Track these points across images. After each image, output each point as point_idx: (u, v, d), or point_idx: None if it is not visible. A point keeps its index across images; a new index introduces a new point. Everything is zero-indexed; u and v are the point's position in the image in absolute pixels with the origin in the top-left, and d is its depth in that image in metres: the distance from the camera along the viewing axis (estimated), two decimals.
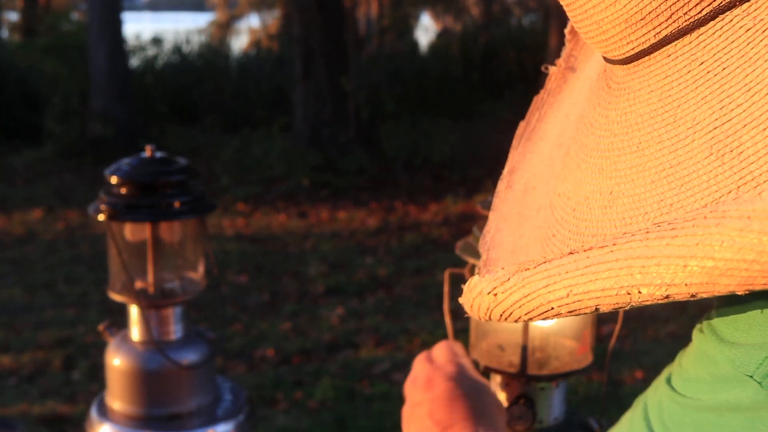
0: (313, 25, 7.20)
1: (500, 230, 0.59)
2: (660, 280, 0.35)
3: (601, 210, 0.44)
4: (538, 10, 14.76)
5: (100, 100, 7.80)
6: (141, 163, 1.50)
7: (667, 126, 0.41)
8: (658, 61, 0.42)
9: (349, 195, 6.54)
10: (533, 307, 0.41)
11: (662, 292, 0.35)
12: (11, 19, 15.65)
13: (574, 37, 0.64)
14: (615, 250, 0.37)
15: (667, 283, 0.35)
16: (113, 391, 1.55)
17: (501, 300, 0.42)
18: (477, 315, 0.45)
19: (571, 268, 0.38)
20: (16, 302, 4.34)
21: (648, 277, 0.35)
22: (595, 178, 0.45)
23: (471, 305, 0.45)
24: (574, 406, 1.32)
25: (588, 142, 0.47)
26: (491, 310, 0.44)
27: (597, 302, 0.38)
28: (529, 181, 0.60)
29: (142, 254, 1.54)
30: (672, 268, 0.34)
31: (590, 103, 0.50)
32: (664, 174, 0.40)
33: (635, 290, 0.36)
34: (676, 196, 0.39)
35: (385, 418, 3.05)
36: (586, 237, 0.45)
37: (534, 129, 0.64)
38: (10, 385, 3.37)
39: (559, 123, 0.61)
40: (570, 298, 0.39)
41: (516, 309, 0.42)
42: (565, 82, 0.64)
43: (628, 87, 0.44)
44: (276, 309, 4.25)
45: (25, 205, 6.29)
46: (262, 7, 19.43)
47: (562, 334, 1.23)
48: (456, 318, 1.27)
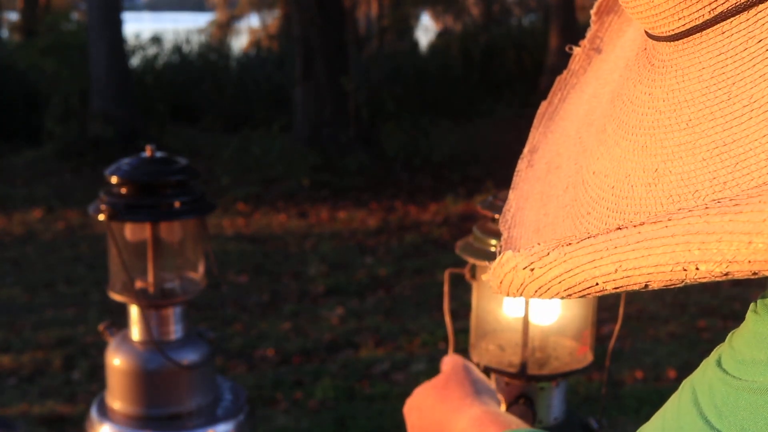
0: (313, 25, 7.20)
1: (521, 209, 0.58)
2: (721, 257, 0.34)
3: (645, 188, 0.43)
4: (538, 10, 14.76)
5: (100, 100, 7.80)
6: (141, 163, 1.51)
7: (721, 103, 0.40)
8: (711, 38, 0.42)
9: (349, 195, 6.54)
10: (575, 282, 0.40)
11: (722, 269, 0.35)
12: (11, 19, 15.65)
13: (600, 18, 0.64)
14: (671, 225, 0.36)
15: (729, 259, 0.34)
16: (113, 391, 1.55)
17: (538, 275, 0.42)
18: (507, 291, 0.44)
19: (620, 243, 0.38)
20: (16, 302, 4.34)
21: (708, 254, 0.35)
22: (638, 155, 0.44)
23: (501, 281, 0.44)
24: (574, 406, 1.32)
25: (628, 119, 0.46)
26: (525, 286, 0.43)
27: (648, 278, 0.37)
28: (552, 160, 0.60)
29: (142, 254, 1.54)
30: (735, 244, 0.34)
31: (629, 81, 0.49)
32: (717, 152, 0.39)
33: (692, 267, 0.35)
34: (730, 174, 0.38)
35: (385, 417, 3.05)
36: (628, 215, 0.44)
37: (556, 109, 0.64)
38: (10, 385, 3.37)
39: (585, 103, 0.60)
40: (618, 274, 0.38)
41: (555, 285, 0.41)
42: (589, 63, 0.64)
43: (675, 64, 0.44)
44: (276, 309, 4.25)
45: (25, 205, 6.29)
46: (262, 7, 19.43)
47: (562, 334, 1.23)
48: (456, 318, 1.27)
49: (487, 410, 0.81)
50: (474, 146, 7.84)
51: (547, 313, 1.20)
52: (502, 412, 0.82)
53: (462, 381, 0.88)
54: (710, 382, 0.44)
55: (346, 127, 7.40)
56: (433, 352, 3.66)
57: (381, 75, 9.07)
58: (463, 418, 0.81)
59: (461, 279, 1.23)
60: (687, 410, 0.44)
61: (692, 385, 0.46)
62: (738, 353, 0.44)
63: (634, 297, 4.29)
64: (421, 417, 0.88)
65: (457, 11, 15.72)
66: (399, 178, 7.01)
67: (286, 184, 6.75)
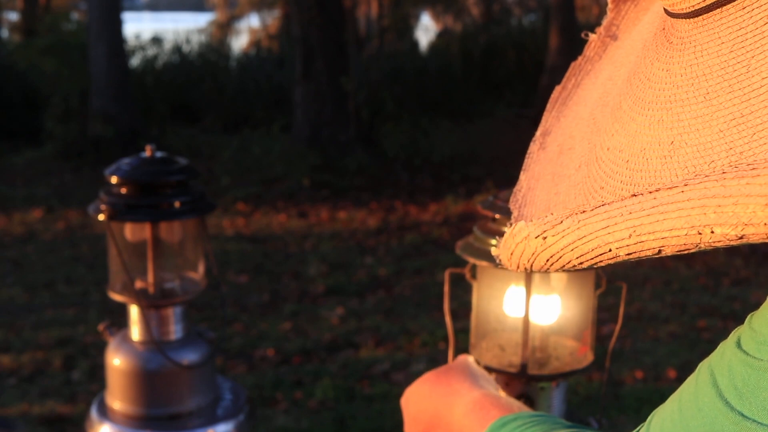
0: (313, 25, 7.20)
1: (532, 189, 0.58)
2: (736, 220, 0.34)
3: (660, 160, 0.43)
4: (538, 10, 14.76)
5: (100, 100, 7.80)
6: (141, 163, 1.50)
7: (739, 76, 0.40)
8: (731, 14, 0.42)
9: (349, 195, 6.54)
10: (588, 249, 0.40)
11: (738, 232, 0.35)
12: (11, 19, 15.65)
13: (617, 6, 0.64)
14: (686, 190, 0.36)
15: (745, 222, 0.34)
16: (113, 391, 1.55)
17: (550, 244, 0.41)
18: (517, 263, 0.44)
19: (635, 209, 0.38)
20: (16, 302, 4.34)
21: (723, 217, 0.35)
22: (654, 129, 0.44)
23: (512, 252, 0.44)
24: (575, 406, 1.32)
25: (645, 95, 0.46)
26: (537, 256, 0.42)
27: (662, 243, 0.37)
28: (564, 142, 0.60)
29: (142, 254, 1.54)
30: (751, 207, 0.34)
31: (646, 59, 0.49)
32: (734, 123, 0.39)
33: (707, 230, 0.35)
34: (747, 144, 0.38)
35: (385, 417, 3.05)
36: (642, 187, 0.44)
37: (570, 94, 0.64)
38: (11, 385, 3.37)
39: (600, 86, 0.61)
40: (632, 239, 0.38)
41: (567, 253, 0.41)
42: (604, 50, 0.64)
43: (694, 40, 0.44)
44: (276, 309, 4.25)
45: (25, 205, 6.29)
46: (262, 7, 19.43)
47: (563, 334, 1.23)
48: (456, 318, 1.27)
49: (487, 393, 0.78)
50: (474, 146, 7.84)
51: (548, 313, 1.20)
52: (503, 396, 0.79)
53: (462, 369, 0.83)
54: (730, 364, 0.43)
55: (346, 127, 7.40)
56: (433, 352, 3.66)
57: (381, 75, 9.07)
58: (462, 402, 0.77)
59: (461, 279, 1.23)
60: (705, 392, 0.44)
61: (710, 367, 0.45)
62: (759, 334, 0.43)
63: (635, 297, 4.29)
64: (418, 404, 0.82)
65: (457, 11, 15.72)
66: (399, 178, 7.01)
67: (286, 184, 6.75)
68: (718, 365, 0.45)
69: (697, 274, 4.71)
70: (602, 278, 1.21)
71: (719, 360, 0.45)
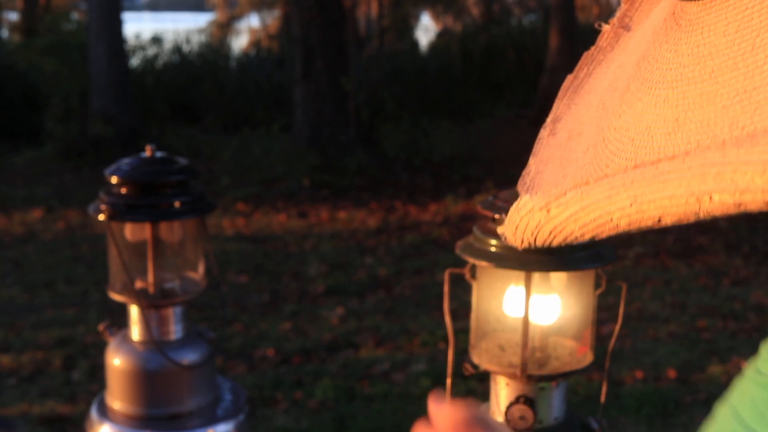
0: (313, 25, 7.20)
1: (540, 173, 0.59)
2: (734, 186, 0.35)
3: (665, 137, 0.43)
4: (538, 10, 14.76)
5: (100, 100, 7.80)
6: (141, 163, 1.51)
7: (744, 54, 0.41)
8: None
9: (349, 195, 6.54)
10: (590, 219, 0.40)
11: (735, 199, 0.35)
12: (11, 19, 15.66)
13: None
14: (687, 160, 0.36)
15: (742, 188, 0.34)
16: (113, 391, 1.55)
17: (554, 215, 0.42)
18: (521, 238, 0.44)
19: (636, 178, 0.38)
20: (16, 302, 4.34)
21: (722, 184, 0.35)
22: (659, 108, 0.45)
23: (516, 226, 0.44)
24: (574, 406, 1.32)
25: (652, 76, 0.47)
26: (540, 228, 0.43)
27: (662, 211, 0.38)
28: (574, 128, 0.60)
29: (142, 254, 1.54)
30: (749, 174, 0.34)
31: (655, 43, 0.50)
32: (737, 99, 0.40)
33: (706, 197, 0.36)
34: (749, 119, 0.39)
35: (385, 417, 3.05)
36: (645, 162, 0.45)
37: (582, 83, 0.64)
38: (11, 384, 3.37)
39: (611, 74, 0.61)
40: (633, 208, 0.38)
41: (570, 224, 0.41)
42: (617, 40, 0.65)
43: (702, 21, 0.45)
44: (276, 309, 4.25)
45: (25, 205, 6.29)
46: (262, 7, 19.44)
47: (562, 335, 1.23)
48: (456, 318, 1.27)
49: None
50: (474, 146, 7.84)
51: (547, 313, 1.20)
52: None
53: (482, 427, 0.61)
54: (750, 394, 0.44)
55: (346, 127, 7.40)
56: (433, 352, 3.66)
57: (381, 75, 9.07)
58: None
59: (461, 279, 1.23)
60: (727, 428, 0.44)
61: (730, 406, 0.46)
62: None
63: (634, 297, 4.29)
64: None
65: (457, 11, 15.73)
66: (399, 178, 7.01)
67: (286, 184, 6.75)
68: (738, 401, 0.45)
69: (697, 274, 4.71)
70: (602, 278, 1.21)
71: (738, 396, 0.45)
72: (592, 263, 1.15)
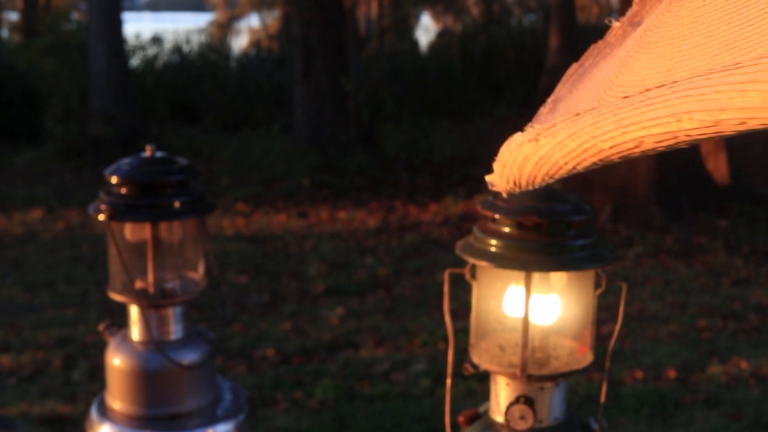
0: (313, 25, 7.20)
1: None
2: (714, 105, 0.36)
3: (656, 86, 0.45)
4: (538, 10, 14.77)
5: (100, 100, 7.80)
6: (141, 163, 1.51)
7: (741, 9, 0.42)
8: None
9: (349, 195, 6.54)
10: (576, 145, 0.41)
11: (714, 117, 0.36)
12: (11, 19, 15.66)
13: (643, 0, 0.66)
14: (674, 86, 0.38)
15: (721, 107, 0.36)
16: (113, 391, 1.55)
17: (542, 145, 0.43)
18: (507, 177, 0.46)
19: (623, 105, 0.40)
20: (16, 302, 4.35)
21: (703, 104, 0.36)
22: (655, 62, 0.46)
23: (505, 164, 0.46)
24: (574, 406, 1.32)
25: (652, 39, 0.48)
26: (527, 160, 0.44)
27: (644, 133, 0.39)
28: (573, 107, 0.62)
29: (142, 254, 1.54)
30: (729, 93, 0.35)
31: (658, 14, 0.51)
32: (727, 48, 0.41)
33: (686, 117, 0.37)
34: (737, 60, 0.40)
35: (385, 417, 3.05)
36: None
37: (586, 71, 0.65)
38: (10, 384, 3.37)
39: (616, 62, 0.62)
40: (617, 131, 0.40)
41: (556, 151, 0.43)
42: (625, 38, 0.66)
43: None
44: (276, 309, 4.25)
45: (25, 205, 6.29)
46: (262, 7, 19.44)
47: (562, 334, 1.23)
48: (456, 318, 1.27)
49: None
50: (474, 146, 7.84)
51: (547, 313, 1.20)
52: None
53: None
54: None
55: (346, 127, 7.40)
56: (433, 352, 3.66)
57: (381, 75, 9.07)
58: None
59: (461, 279, 1.23)
60: None
61: None
62: None
63: (634, 297, 4.29)
64: None
65: (457, 11, 15.73)
66: (399, 178, 7.02)
67: (286, 184, 6.75)
68: None
69: (697, 274, 4.71)
70: (602, 278, 1.21)
71: None
72: (592, 263, 1.15)
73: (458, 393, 3.12)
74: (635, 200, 5.79)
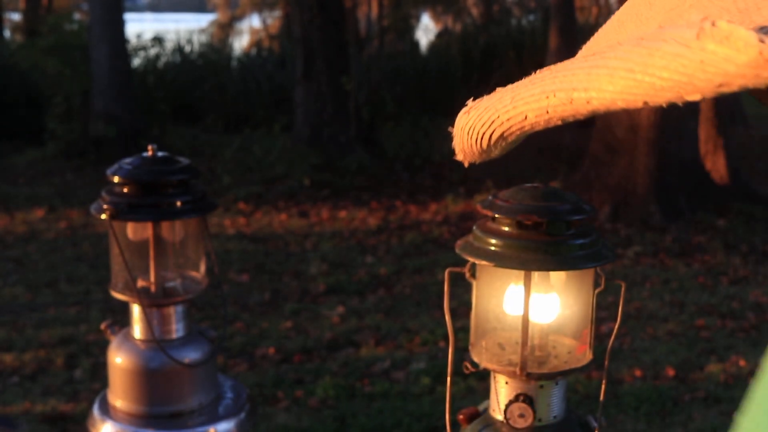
0: (313, 25, 7.21)
1: None
2: (569, 85, 0.38)
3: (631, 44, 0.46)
4: (538, 10, 14.76)
5: (102, 100, 7.81)
6: (143, 162, 1.51)
7: None
8: None
9: (350, 194, 6.55)
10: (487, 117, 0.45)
11: (569, 96, 0.38)
12: (13, 19, 15.67)
13: None
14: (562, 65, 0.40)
15: (574, 86, 0.37)
16: (115, 390, 1.56)
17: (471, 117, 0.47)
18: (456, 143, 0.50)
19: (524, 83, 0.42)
20: (18, 301, 4.36)
21: (563, 83, 0.38)
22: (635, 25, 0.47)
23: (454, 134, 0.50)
24: (574, 405, 1.33)
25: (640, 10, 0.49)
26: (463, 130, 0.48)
27: (526, 108, 0.41)
28: None
29: (144, 253, 1.55)
30: (580, 75, 0.37)
31: None
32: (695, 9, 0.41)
33: (552, 94, 0.39)
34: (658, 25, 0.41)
35: (386, 416, 3.06)
36: None
37: None
38: (13, 383, 3.38)
39: None
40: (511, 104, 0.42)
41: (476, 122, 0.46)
42: None
43: None
44: (277, 308, 4.26)
45: (28, 205, 6.30)
46: (263, 7, 19.45)
47: (562, 333, 1.24)
48: (456, 317, 1.28)
49: None
50: None
51: (547, 312, 1.21)
52: None
53: None
54: None
55: (346, 126, 7.40)
56: (433, 351, 3.67)
57: (381, 75, 9.07)
58: None
59: (461, 278, 1.24)
60: None
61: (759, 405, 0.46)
62: None
63: (633, 296, 4.30)
64: None
65: (457, 11, 15.73)
66: (399, 177, 7.02)
67: (286, 183, 6.76)
68: None
69: (696, 273, 4.72)
70: (601, 277, 1.22)
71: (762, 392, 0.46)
72: (592, 262, 1.16)
73: (458, 391, 3.13)
74: (634, 200, 5.79)
